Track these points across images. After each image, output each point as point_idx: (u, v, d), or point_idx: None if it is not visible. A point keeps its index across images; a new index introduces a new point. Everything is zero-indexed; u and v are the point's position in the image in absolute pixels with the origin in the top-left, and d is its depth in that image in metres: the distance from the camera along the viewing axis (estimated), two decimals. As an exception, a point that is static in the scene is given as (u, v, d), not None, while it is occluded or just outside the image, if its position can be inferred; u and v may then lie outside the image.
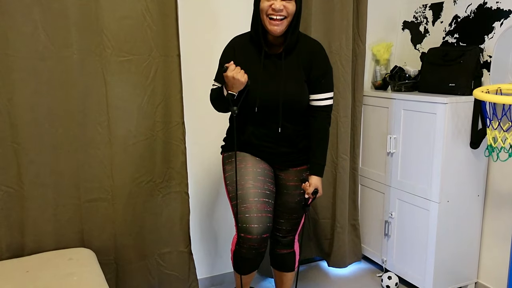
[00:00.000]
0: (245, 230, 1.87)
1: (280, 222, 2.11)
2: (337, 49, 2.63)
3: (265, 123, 1.94)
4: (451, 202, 2.42)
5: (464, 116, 2.36)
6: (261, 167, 1.98)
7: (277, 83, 1.87)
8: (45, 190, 2.10)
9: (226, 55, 1.95)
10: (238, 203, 1.89)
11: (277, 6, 1.75)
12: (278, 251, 2.17)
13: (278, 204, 2.08)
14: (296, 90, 1.90)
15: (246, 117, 1.96)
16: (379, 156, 2.76)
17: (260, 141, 1.98)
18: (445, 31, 2.67)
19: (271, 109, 1.90)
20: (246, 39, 1.93)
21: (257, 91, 1.87)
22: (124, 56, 2.14)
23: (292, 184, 2.05)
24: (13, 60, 1.96)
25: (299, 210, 2.07)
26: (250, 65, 1.87)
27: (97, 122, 2.15)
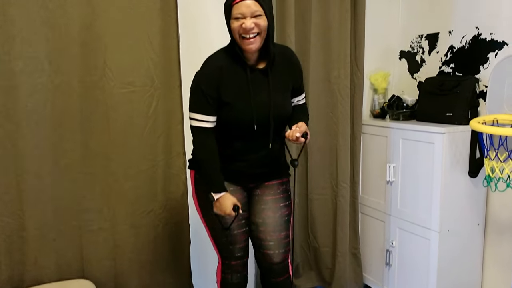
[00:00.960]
0: (230, 258, 1.97)
1: (269, 245, 1.96)
2: (336, 79, 2.68)
3: (254, 139, 1.87)
4: (452, 231, 2.42)
5: (462, 146, 2.39)
6: (237, 199, 1.90)
7: (267, 99, 1.83)
8: (46, 221, 2.12)
9: (211, 77, 1.78)
10: (219, 236, 1.93)
11: (247, 25, 1.68)
12: (274, 280, 2.03)
13: (258, 223, 1.96)
14: (284, 102, 1.91)
15: (234, 132, 1.86)
16: (378, 185, 2.77)
17: (245, 157, 1.89)
18: (441, 61, 2.72)
19: (263, 126, 1.84)
20: (225, 57, 1.81)
21: (251, 109, 1.80)
22: (126, 88, 2.19)
23: (269, 198, 1.97)
24: (17, 92, 2.00)
25: (286, 227, 1.98)
26: (239, 85, 1.80)
27: (99, 153, 2.17)
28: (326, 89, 2.71)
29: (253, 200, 2.00)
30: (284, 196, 2.01)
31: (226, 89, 1.79)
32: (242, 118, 1.81)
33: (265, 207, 1.97)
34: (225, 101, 1.80)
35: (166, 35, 2.23)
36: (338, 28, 2.64)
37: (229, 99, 1.79)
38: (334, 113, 2.71)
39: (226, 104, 1.80)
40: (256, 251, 2.03)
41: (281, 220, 1.98)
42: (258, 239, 1.99)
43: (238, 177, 1.93)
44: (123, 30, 2.14)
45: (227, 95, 1.79)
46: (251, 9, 1.68)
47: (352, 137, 2.78)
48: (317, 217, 2.81)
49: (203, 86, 1.77)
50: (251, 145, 1.88)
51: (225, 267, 2.00)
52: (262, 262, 2.03)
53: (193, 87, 1.82)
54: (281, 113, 1.89)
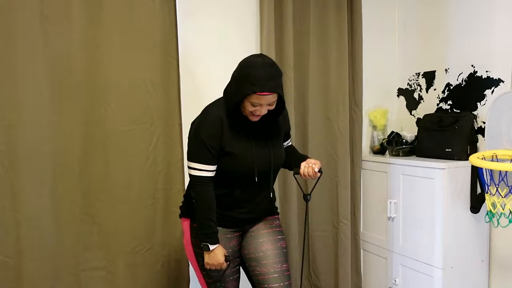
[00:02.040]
0: None
1: (274, 278, 1.90)
2: (334, 116, 2.71)
3: (254, 187, 1.89)
4: (455, 268, 2.38)
5: (462, 181, 2.38)
6: (231, 246, 1.92)
7: (267, 152, 1.87)
8: (43, 260, 2.09)
9: (212, 128, 1.78)
10: (213, 282, 1.91)
11: (262, 113, 1.75)
12: None
13: (259, 257, 1.93)
14: (282, 152, 1.96)
15: (234, 183, 1.86)
16: (380, 221, 2.74)
17: (245, 204, 1.90)
18: (439, 98, 2.76)
19: (263, 176, 1.88)
20: (224, 109, 1.81)
21: (254, 164, 1.83)
22: (127, 126, 2.21)
23: (266, 231, 1.97)
24: (17, 132, 2.01)
25: (286, 259, 1.96)
26: (240, 137, 1.83)
27: (99, 191, 2.17)
28: (325, 126, 2.73)
29: (248, 237, 1.98)
30: (279, 230, 2.02)
31: (228, 140, 1.81)
32: (244, 169, 1.84)
33: (263, 240, 1.96)
34: (228, 151, 1.81)
35: (167, 75, 2.27)
36: (336, 66, 2.70)
37: (231, 149, 1.81)
38: (333, 150, 2.73)
39: (229, 154, 1.82)
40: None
41: (281, 252, 1.96)
42: (261, 274, 1.92)
43: (236, 222, 1.94)
44: (124, 70, 2.18)
45: (229, 145, 1.81)
46: (269, 101, 1.73)
47: (352, 173, 2.79)
48: (318, 255, 2.77)
49: (205, 137, 1.77)
50: (251, 193, 1.91)
51: None
52: None
53: (194, 137, 1.81)
54: (278, 163, 1.95)
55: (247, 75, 1.70)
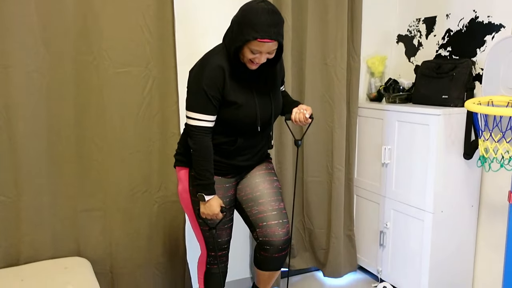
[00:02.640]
0: (216, 250, 2.01)
1: (272, 216, 1.94)
2: (332, 62, 2.67)
3: (256, 135, 1.93)
4: (445, 213, 2.44)
5: (457, 128, 2.39)
6: (228, 195, 1.97)
7: (267, 97, 1.89)
8: (41, 200, 2.12)
9: (215, 76, 1.76)
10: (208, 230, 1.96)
11: (261, 61, 1.74)
12: (276, 256, 1.97)
13: (256, 196, 1.97)
14: (280, 100, 1.98)
15: (235, 131, 1.88)
16: (374, 167, 2.78)
17: (245, 152, 1.94)
18: (438, 45, 2.72)
19: (266, 121, 1.92)
20: (224, 58, 1.79)
21: (256, 112, 1.85)
22: (121, 68, 2.18)
23: (262, 172, 2.02)
24: (11, 72, 1.99)
25: (281, 198, 2.00)
26: (241, 85, 1.83)
27: (94, 134, 2.18)
28: (323, 72, 2.70)
29: (244, 180, 2.02)
30: (274, 172, 2.08)
31: (230, 89, 1.79)
32: (247, 118, 1.85)
33: (260, 181, 2.00)
34: (232, 101, 1.80)
35: (162, 17, 2.21)
36: (335, 11, 2.63)
37: (235, 99, 1.80)
38: (330, 96, 2.71)
39: (233, 103, 1.81)
40: (258, 227, 1.95)
41: (278, 192, 2.01)
42: (259, 212, 1.95)
43: (236, 170, 1.97)
44: (118, 12, 2.12)
45: (232, 95, 1.80)
46: (269, 49, 1.71)
47: (348, 120, 2.79)
48: (312, 199, 2.82)
49: (206, 86, 1.75)
50: (253, 141, 1.94)
51: (211, 259, 2.04)
52: (266, 237, 1.93)
53: (194, 86, 1.78)
54: (278, 111, 1.96)
55: (249, 20, 1.67)
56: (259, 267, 2.05)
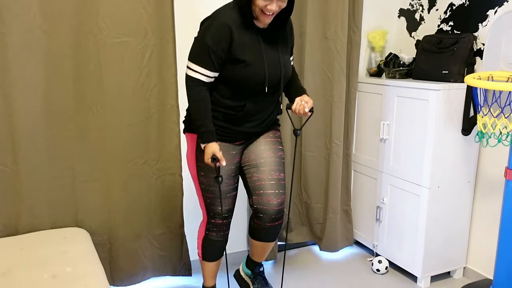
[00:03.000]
0: (217, 218, 2.04)
1: (269, 185, 1.97)
2: (332, 35, 2.64)
3: (264, 99, 1.93)
4: (442, 188, 2.45)
5: (456, 103, 2.38)
6: (234, 163, 1.99)
7: (276, 57, 1.89)
8: (40, 170, 2.12)
9: (221, 34, 1.76)
10: (211, 197, 2.00)
11: (273, 8, 1.73)
12: (269, 225, 2.00)
13: (259, 163, 2.00)
14: (289, 63, 1.98)
15: (244, 93, 1.88)
16: (372, 142, 2.78)
17: (254, 117, 1.95)
18: (440, 19, 2.68)
19: (273, 86, 1.91)
20: (235, 16, 1.79)
21: (264, 69, 1.84)
22: (119, 38, 2.15)
23: (269, 140, 2.05)
24: (8, 40, 1.97)
25: (282, 169, 2.04)
26: (250, 44, 1.83)
27: (92, 103, 2.17)
28: (323, 46, 2.67)
29: (250, 146, 2.05)
30: (280, 141, 2.09)
31: (238, 47, 1.79)
32: (255, 77, 1.84)
33: (265, 148, 2.03)
34: (239, 58, 1.81)
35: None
36: (337, -17, 2.58)
37: (243, 57, 1.81)
38: (330, 70, 2.69)
39: (241, 61, 1.81)
40: (255, 195, 1.99)
41: (280, 162, 2.04)
42: (258, 180, 1.99)
43: (243, 136, 1.99)
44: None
45: (240, 53, 1.80)
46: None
47: (347, 95, 2.78)
48: (310, 174, 2.83)
49: (210, 42, 1.76)
50: (261, 105, 1.94)
51: (211, 225, 2.06)
52: (260, 205, 1.97)
53: (199, 40, 1.80)
54: (287, 73, 1.95)
55: None
56: (253, 237, 2.09)
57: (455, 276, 2.66)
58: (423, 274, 2.52)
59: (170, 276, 2.53)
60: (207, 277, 2.19)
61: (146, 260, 2.41)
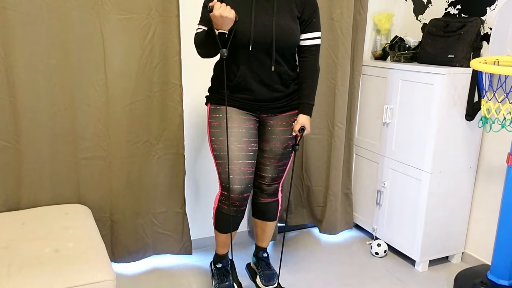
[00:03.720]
0: (228, 189, 2.00)
1: (266, 169, 2.12)
2: (338, 17, 2.61)
3: (258, 61, 1.91)
4: (443, 173, 2.45)
5: (461, 88, 2.37)
6: (246, 127, 2.00)
7: (270, 18, 1.86)
8: (42, 146, 2.13)
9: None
10: (222, 163, 1.99)
11: None
12: (262, 200, 2.19)
13: (265, 150, 2.09)
14: (289, 24, 1.90)
15: (237, 57, 1.91)
16: (374, 126, 2.77)
17: (254, 82, 1.94)
18: (448, 2, 2.65)
19: (265, 45, 1.87)
20: None
21: (250, 27, 1.84)
22: (123, 14, 2.13)
23: (281, 129, 2.07)
24: (11, 15, 1.95)
25: (286, 157, 2.11)
26: (240, 4, 1.84)
27: (94, 80, 2.15)
28: (328, 27, 2.64)
29: (265, 129, 2.09)
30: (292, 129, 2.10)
31: (230, 4, 1.80)
32: (240, 34, 1.84)
33: (276, 138, 2.08)
34: None
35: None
36: (344, -37, 2.54)
37: None
38: (334, 53, 2.67)
39: None
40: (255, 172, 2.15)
41: (285, 151, 2.10)
42: (260, 163, 2.13)
43: (249, 105, 2.00)
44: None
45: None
46: None
47: (351, 78, 2.76)
48: (312, 157, 2.83)
49: (207, 1, 1.89)
50: (259, 73, 1.92)
51: (223, 197, 2.06)
52: (254, 180, 2.17)
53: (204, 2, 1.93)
54: (283, 36, 1.89)
55: None
56: (253, 214, 2.24)
57: (453, 261, 2.68)
58: (422, 258, 2.54)
59: (171, 255, 2.55)
60: (219, 246, 2.21)
61: (147, 238, 2.43)
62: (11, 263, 1.60)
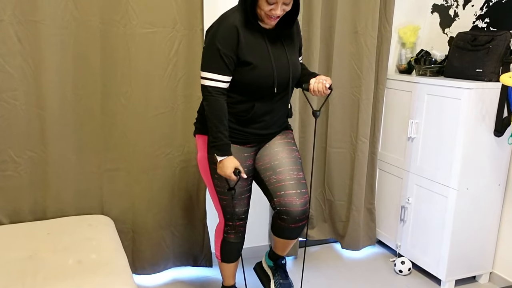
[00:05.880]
0: (234, 219, 2.03)
1: (290, 185, 1.90)
2: (363, 30, 2.59)
3: (273, 100, 1.89)
4: (471, 190, 2.38)
5: (489, 103, 2.31)
6: (247, 165, 1.95)
7: (284, 56, 1.85)
8: (67, 157, 2.16)
9: (229, 35, 1.74)
10: (227, 199, 1.98)
11: (277, 12, 1.71)
12: (293, 226, 1.92)
13: (274, 165, 1.94)
14: (298, 63, 1.93)
15: (255, 96, 1.85)
16: (399, 141, 2.73)
17: (263, 118, 1.90)
18: (476, 15, 2.60)
19: (285, 84, 1.88)
20: (239, 17, 1.77)
21: (273, 73, 1.81)
22: (148, 28, 2.16)
23: (282, 142, 2.00)
24: (41, 28, 2.00)
25: (301, 168, 1.97)
26: (257, 46, 1.80)
27: (119, 93, 2.18)
28: (353, 41, 2.63)
29: (263, 149, 2.00)
30: (293, 142, 2.04)
31: (245, 49, 1.76)
32: (263, 79, 1.81)
33: (279, 150, 1.98)
34: (247, 61, 1.77)
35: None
36: (369, -24, 2.53)
37: (250, 59, 1.77)
38: (358, 66, 2.65)
39: (248, 64, 1.77)
40: (276, 197, 1.91)
41: (297, 161, 1.97)
42: (277, 181, 1.92)
43: (254, 139, 1.94)
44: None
45: (248, 55, 1.76)
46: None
47: (375, 91, 2.72)
48: (334, 171, 2.80)
49: (220, 45, 1.72)
50: (270, 107, 1.89)
51: (229, 228, 2.06)
52: (283, 206, 1.88)
53: (209, 45, 1.76)
54: (296, 74, 1.91)
55: None
56: (276, 235, 2.03)
57: (480, 281, 2.59)
58: (447, 277, 2.47)
59: (191, 267, 2.55)
60: (227, 277, 2.19)
61: (167, 249, 2.43)
62: (36, 273, 1.62)
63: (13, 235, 1.94)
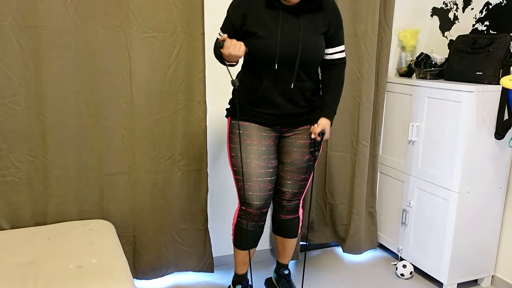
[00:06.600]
0: (247, 204, 2.04)
1: (286, 184, 2.10)
2: (363, 33, 2.60)
3: (282, 76, 1.90)
4: (472, 193, 2.38)
5: (490, 106, 2.31)
6: (266, 144, 2.00)
7: (296, 34, 1.85)
8: (68, 162, 2.16)
9: (239, 5, 1.87)
10: (241, 179, 2.01)
11: None
12: (282, 217, 2.17)
13: (285, 163, 2.07)
14: (315, 40, 1.90)
15: (260, 72, 1.92)
16: (400, 144, 2.72)
17: (278, 96, 1.93)
18: (475, 18, 2.60)
19: (290, 62, 1.87)
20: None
21: (276, 45, 1.83)
22: (149, 33, 2.16)
23: (302, 142, 2.05)
24: (42, 34, 2.00)
25: (307, 171, 2.08)
26: (269, 19, 1.84)
27: (120, 97, 2.18)
28: (352, 44, 2.63)
29: (286, 142, 2.08)
30: (312, 143, 2.07)
31: (255, 20, 1.84)
32: (266, 52, 1.84)
33: (296, 150, 2.06)
34: (253, 31, 1.85)
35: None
36: (368, -20, 2.54)
37: (255, 30, 1.84)
38: (359, 69, 2.65)
39: (253, 34, 1.85)
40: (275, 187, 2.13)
41: (306, 165, 2.06)
42: (280, 177, 2.11)
43: (271, 120, 1.99)
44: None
45: (254, 25, 1.84)
46: None
47: (375, 95, 2.73)
48: (335, 174, 2.80)
49: (231, 9, 1.90)
50: (281, 88, 1.92)
51: (242, 212, 2.07)
52: (275, 196, 2.16)
53: (227, 10, 1.93)
54: (308, 55, 1.88)
55: None
56: (273, 230, 2.22)
57: (482, 284, 2.58)
58: (449, 280, 2.46)
59: (193, 272, 2.54)
60: (237, 264, 2.20)
61: (169, 254, 2.42)
62: (37, 278, 1.61)
63: (14, 240, 1.93)
